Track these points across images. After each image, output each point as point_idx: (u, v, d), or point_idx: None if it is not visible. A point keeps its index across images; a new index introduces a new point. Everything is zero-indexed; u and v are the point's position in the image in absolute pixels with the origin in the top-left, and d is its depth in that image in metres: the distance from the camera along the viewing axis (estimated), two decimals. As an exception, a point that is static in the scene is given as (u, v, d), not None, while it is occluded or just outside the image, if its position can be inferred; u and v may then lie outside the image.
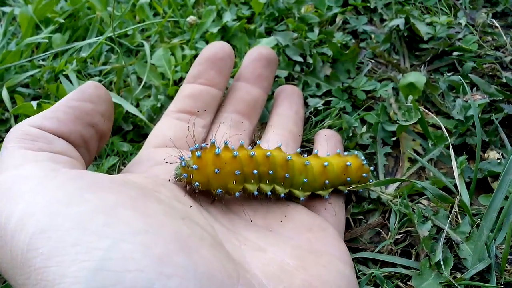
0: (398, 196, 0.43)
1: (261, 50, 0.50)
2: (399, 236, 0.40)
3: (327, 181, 0.39)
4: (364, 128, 0.49)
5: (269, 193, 0.37)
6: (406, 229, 0.41)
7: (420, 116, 0.45)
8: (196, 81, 0.47)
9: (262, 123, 0.52)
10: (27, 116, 0.51)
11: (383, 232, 0.41)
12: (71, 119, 0.32)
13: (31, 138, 0.30)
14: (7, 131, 0.52)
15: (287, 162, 0.37)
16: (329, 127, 0.50)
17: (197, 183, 0.33)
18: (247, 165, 0.35)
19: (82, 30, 0.64)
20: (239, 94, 0.48)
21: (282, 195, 0.37)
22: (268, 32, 0.63)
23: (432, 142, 0.47)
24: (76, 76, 0.53)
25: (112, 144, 0.48)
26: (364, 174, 0.41)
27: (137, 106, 0.53)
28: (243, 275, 0.27)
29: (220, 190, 0.34)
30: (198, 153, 0.33)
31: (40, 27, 0.63)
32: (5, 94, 0.52)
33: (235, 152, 0.34)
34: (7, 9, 0.67)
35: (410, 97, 0.50)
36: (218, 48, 0.48)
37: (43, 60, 0.60)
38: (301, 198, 0.38)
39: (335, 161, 0.41)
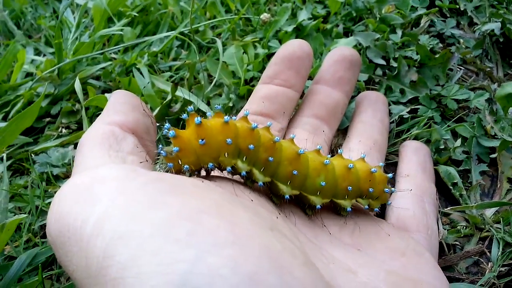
0: (500, 221, 0.38)
1: (343, 51, 0.46)
2: (502, 269, 0.35)
3: (349, 187, 0.33)
4: (458, 142, 0.44)
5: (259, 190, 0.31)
6: (510, 261, 0.35)
7: (529, 132, 0.40)
8: (272, 81, 0.44)
9: (338, 130, 0.48)
10: (100, 109, 0.50)
11: (483, 261, 0.36)
12: (131, 109, 0.33)
13: (107, 137, 0.29)
14: (77, 122, 0.52)
15: (298, 156, 0.31)
16: (415, 138, 0.46)
17: (186, 166, 0.28)
18: (243, 137, 0.29)
19: (153, 25, 0.63)
20: (318, 98, 0.45)
21: (287, 196, 0.31)
22: (345, 33, 0.59)
23: (538, 162, 0.42)
24: (148, 71, 0.52)
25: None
26: (386, 190, 0.35)
27: (208, 104, 0.50)
28: None
29: (211, 165, 0.29)
30: (171, 132, 0.28)
31: (112, 20, 0.63)
32: (77, 85, 0.51)
33: (226, 118, 0.29)
34: (81, 1, 0.68)
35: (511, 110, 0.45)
36: (296, 46, 0.44)
37: (114, 53, 0.59)
38: (317, 206, 0.32)
39: (359, 165, 0.34)
